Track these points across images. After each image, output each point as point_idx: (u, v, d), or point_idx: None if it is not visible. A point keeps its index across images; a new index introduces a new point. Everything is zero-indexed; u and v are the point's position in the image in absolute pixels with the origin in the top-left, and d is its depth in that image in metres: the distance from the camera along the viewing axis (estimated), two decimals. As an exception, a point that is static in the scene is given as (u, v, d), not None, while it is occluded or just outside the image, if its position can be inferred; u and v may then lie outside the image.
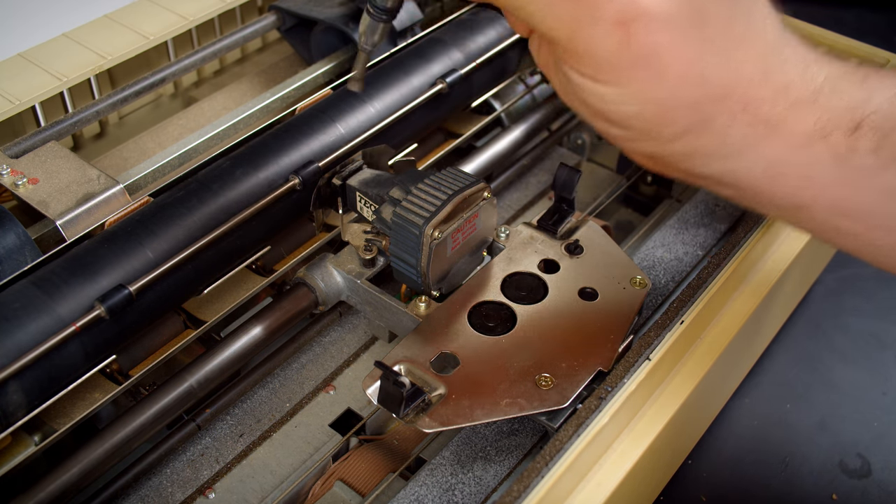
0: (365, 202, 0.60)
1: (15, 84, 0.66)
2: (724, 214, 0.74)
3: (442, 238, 0.54)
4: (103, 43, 0.70)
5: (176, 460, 0.59)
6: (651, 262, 0.70)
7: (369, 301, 0.59)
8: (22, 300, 0.50)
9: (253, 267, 0.62)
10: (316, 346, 0.67)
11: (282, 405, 0.63)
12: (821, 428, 0.73)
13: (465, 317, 0.56)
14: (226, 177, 0.59)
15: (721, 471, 0.69)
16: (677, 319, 0.55)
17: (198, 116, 0.76)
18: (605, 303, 0.57)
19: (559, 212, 0.62)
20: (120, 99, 0.68)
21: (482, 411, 0.50)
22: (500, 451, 0.57)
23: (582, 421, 0.49)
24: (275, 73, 0.81)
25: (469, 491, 0.54)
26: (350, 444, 0.61)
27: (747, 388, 0.75)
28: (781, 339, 0.78)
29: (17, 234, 0.54)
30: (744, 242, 0.60)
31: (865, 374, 0.77)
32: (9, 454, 0.50)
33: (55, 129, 0.64)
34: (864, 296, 0.84)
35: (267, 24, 0.78)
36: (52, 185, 0.58)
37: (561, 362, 0.53)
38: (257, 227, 0.59)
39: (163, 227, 0.55)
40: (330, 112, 0.64)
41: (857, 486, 0.68)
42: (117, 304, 0.51)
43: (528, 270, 0.59)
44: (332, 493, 0.58)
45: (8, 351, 0.48)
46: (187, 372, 0.56)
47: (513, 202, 0.80)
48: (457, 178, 0.56)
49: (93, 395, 0.53)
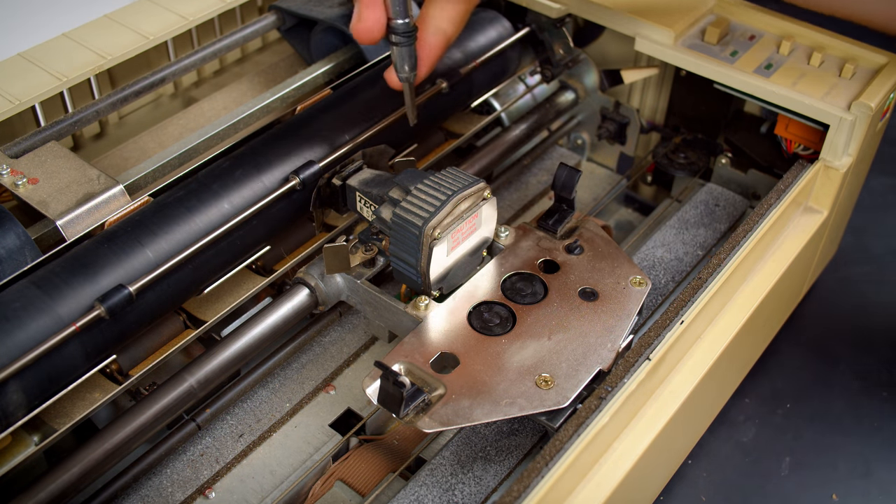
0: (365, 202, 0.60)
1: (15, 84, 0.66)
2: (723, 214, 0.74)
3: (442, 238, 0.54)
4: (103, 43, 0.70)
5: (176, 460, 0.59)
6: (651, 262, 0.70)
7: (369, 301, 0.59)
8: (22, 300, 0.50)
9: (253, 267, 0.62)
10: (316, 346, 0.67)
11: (282, 405, 0.63)
12: (821, 428, 0.73)
13: (465, 317, 0.56)
14: (226, 177, 0.59)
15: (721, 471, 0.69)
16: (677, 319, 0.55)
17: (198, 116, 0.76)
18: (605, 303, 0.57)
19: (559, 212, 0.62)
20: (120, 99, 0.68)
21: (482, 411, 0.50)
22: (500, 451, 0.57)
23: (582, 421, 0.49)
24: (275, 73, 0.81)
25: (469, 491, 0.54)
26: (350, 444, 0.61)
27: (747, 388, 0.75)
28: (781, 339, 0.78)
29: (17, 234, 0.54)
30: (744, 242, 0.60)
31: (865, 374, 0.77)
32: (9, 454, 0.50)
33: (55, 129, 0.64)
34: (864, 295, 0.84)
35: (267, 24, 0.78)
36: (52, 185, 0.58)
37: (561, 362, 0.53)
38: (257, 227, 0.59)
39: (163, 227, 0.55)
40: (330, 112, 0.64)
41: (857, 486, 0.68)
42: (117, 304, 0.51)
43: (528, 270, 0.59)
44: (332, 493, 0.58)
45: (8, 351, 0.48)
46: (187, 372, 0.56)
47: (513, 202, 0.80)
48: (457, 178, 0.56)
49: (93, 395, 0.53)
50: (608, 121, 0.83)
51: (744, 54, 0.70)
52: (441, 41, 0.60)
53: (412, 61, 0.58)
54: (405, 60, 0.58)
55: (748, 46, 0.71)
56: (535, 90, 0.83)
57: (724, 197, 0.76)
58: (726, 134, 0.80)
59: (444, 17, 0.60)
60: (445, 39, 0.61)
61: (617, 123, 0.82)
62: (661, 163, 0.81)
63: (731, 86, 0.69)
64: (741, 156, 0.78)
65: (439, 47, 0.60)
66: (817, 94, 0.67)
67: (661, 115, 0.84)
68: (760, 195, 0.76)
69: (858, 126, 0.65)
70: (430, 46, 0.60)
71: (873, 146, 0.73)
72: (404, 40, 0.57)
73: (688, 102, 0.81)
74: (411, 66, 0.58)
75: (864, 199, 0.84)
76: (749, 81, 0.68)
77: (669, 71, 0.80)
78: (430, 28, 0.60)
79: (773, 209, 0.62)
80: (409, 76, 0.59)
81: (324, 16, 0.75)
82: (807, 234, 0.67)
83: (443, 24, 0.60)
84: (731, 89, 0.70)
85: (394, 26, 0.56)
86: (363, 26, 0.56)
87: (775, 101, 0.68)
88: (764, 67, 0.69)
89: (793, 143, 0.72)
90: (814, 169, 0.67)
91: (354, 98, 0.67)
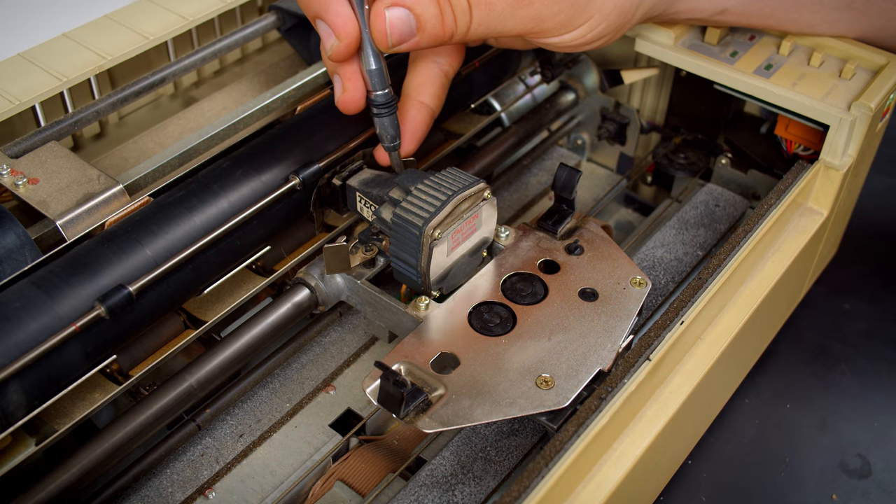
0: (365, 202, 0.60)
1: (15, 84, 0.66)
2: (723, 215, 0.74)
3: (442, 238, 0.54)
4: (103, 43, 0.70)
5: (176, 460, 0.59)
6: (651, 262, 0.70)
7: (369, 301, 0.59)
8: (22, 300, 0.50)
9: (253, 267, 0.62)
10: (316, 346, 0.67)
11: (282, 405, 0.63)
12: (821, 428, 0.73)
13: (466, 317, 0.56)
14: (226, 177, 0.59)
15: (721, 471, 0.69)
16: (677, 319, 0.55)
17: (198, 116, 0.76)
18: (605, 303, 0.57)
19: (559, 212, 0.62)
20: (120, 99, 0.68)
21: (482, 411, 0.50)
22: (500, 452, 0.57)
23: (582, 421, 0.49)
24: (275, 73, 0.81)
25: (469, 491, 0.54)
26: (350, 444, 0.61)
27: (747, 388, 0.75)
28: (781, 340, 0.78)
29: (17, 234, 0.54)
30: (744, 242, 0.60)
31: (865, 374, 0.77)
32: (9, 454, 0.50)
33: (55, 129, 0.64)
34: (864, 296, 0.84)
35: (267, 24, 0.78)
36: (52, 185, 0.58)
37: (561, 363, 0.53)
38: (257, 227, 0.59)
39: (163, 227, 0.55)
40: (330, 112, 0.64)
41: (857, 486, 0.68)
42: (117, 304, 0.51)
43: (528, 270, 0.59)
44: (332, 493, 0.58)
45: (8, 351, 0.48)
46: (187, 372, 0.56)
47: (513, 202, 0.80)
48: (457, 179, 0.56)
49: (93, 395, 0.53)
50: (608, 121, 0.83)
51: (744, 55, 0.70)
52: (426, 116, 0.62)
53: (395, 129, 0.59)
54: (387, 130, 0.59)
55: (748, 47, 0.71)
56: (535, 90, 0.83)
57: (724, 197, 0.76)
58: (726, 134, 0.80)
59: (425, 93, 0.62)
60: (430, 114, 0.62)
61: (617, 124, 0.82)
62: (661, 163, 0.81)
63: (732, 86, 0.69)
64: (741, 156, 0.78)
65: (425, 123, 0.62)
66: (817, 94, 0.67)
67: (661, 115, 0.84)
68: (760, 195, 0.76)
69: (858, 126, 0.65)
70: (416, 122, 0.61)
71: (873, 146, 0.73)
72: (385, 111, 0.58)
73: (688, 103, 0.81)
74: (396, 135, 0.59)
75: (864, 199, 0.84)
76: (749, 82, 0.68)
77: (669, 71, 0.80)
78: (414, 104, 0.61)
79: (773, 209, 0.62)
80: (394, 146, 0.59)
81: (324, 16, 0.75)
82: (807, 235, 0.67)
83: (425, 99, 0.62)
84: (731, 90, 0.70)
85: (373, 98, 0.57)
86: (349, 97, 0.57)
87: (775, 101, 0.68)
88: (764, 68, 0.69)
89: (793, 144, 0.72)
90: (814, 169, 0.67)
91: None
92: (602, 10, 0.59)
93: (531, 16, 0.57)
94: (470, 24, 0.55)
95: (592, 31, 0.60)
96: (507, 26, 0.57)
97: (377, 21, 0.53)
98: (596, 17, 0.59)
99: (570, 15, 0.58)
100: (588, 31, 0.60)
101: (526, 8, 0.56)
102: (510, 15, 0.56)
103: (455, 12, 0.54)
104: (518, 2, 0.56)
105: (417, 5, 0.53)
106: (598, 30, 0.60)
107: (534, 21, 0.57)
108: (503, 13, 0.56)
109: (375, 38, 0.54)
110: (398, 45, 0.54)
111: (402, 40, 0.54)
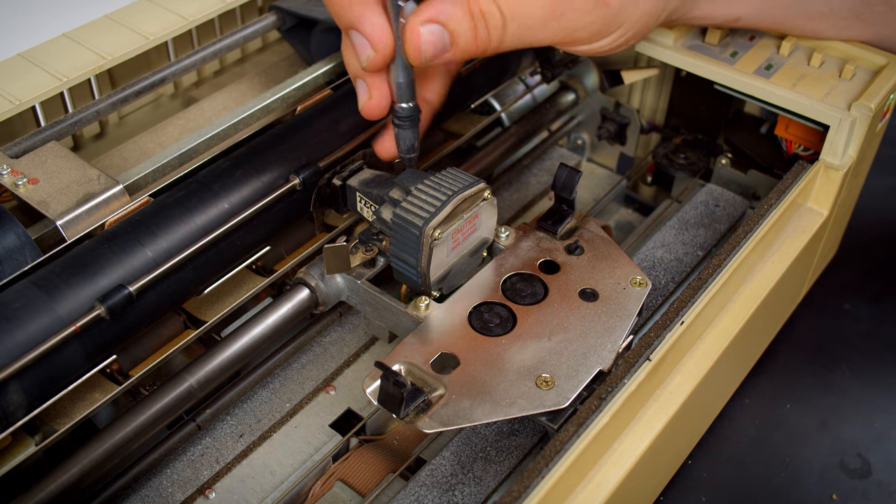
0: (365, 202, 0.60)
1: (15, 84, 0.66)
2: (724, 215, 0.75)
3: (442, 238, 0.54)
4: (103, 43, 0.70)
5: (176, 460, 0.59)
6: (651, 262, 0.70)
7: (369, 301, 0.59)
8: (22, 300, 0.50)
9: (253, 267, 0.62)
10: (316, 346, 0.67)
11: (282, 405, 0.63)
12: (821, 428, 0.73)
13: (466, 317, 0.56)
14: (226, 177, 0.59)
15: (721, 471, 0.69)
16: (677, 319, 0.55)
17: (198, 116, 0.76)
18: (605, 303, 0.57)
19: (559, 212, 0.62)
20: (120, 99, 0.68)
21: (482, 411, 0.50)
22: (500, 452, 0.57)
23: (582, 421, 0.49)
24: (275, 73, 0.81)
25: (469, 491, 0.54)
26: (350, 444, 0.61)
27: (747, 388, 0.75)
28: (781, 340, 0.78)
29: (17, 234, 0.54)
30: (744, 242, 0.60)
31: (865, 375, 0.77)
32: (9, 454, 0.50)
33: (55, 129, 0.64)
34: (865, 296, 0.84)
35: (267, 24, 0.78)
36: (52, 185, 0.58)
37: (561, 363, 0.53)
38: (257, 227, 0.59)
39: (163, 227, 0.55)
40: (330, 112, 0.64)
41: (857, 486, 0.68)
42: (117, 304, 0.51)
43: (528, 271, 0.59)
44: (332, 493, 0.58)
45: (8, 351, 0.48)
46: (187, 372, 0.56)
47: (513, 202, 0.80)
48: (457, 179, 0.56)
49: (93, 395, 0.53)
50: (608, 121, 0.83)
51: (744, 55, 0.70)
52: (427, 112, 0.62)
53: (413, 142, 0.59)
54: (406, 141, 0.59)
55: (748, 47, 0.71)
56: (535, 90, 0.83)
57: (724, 197, 0.76)
58: (726, 134, 0.80)
59: (428, 88, 0.62)
60: (431, 110, 0.63)
61: (617, 124, 0.82)
62: (661, 163, 0.81)
63: (732, 86, 0.69)
64: (741, 156, 0.78)
65: (426, 120, 0.62)
66: (817, 94, 0.67)
67: (661, 115, 0.84)
68: (760, 196, 0.76)
69: (858, 127, 0.65)
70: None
71: (873, 147, 0.73)
72: (407, 123, 0.58)
73: (688, 103, 0.81)
74: (413, 146, 0.59)
75: (864, 200, 0.84)
76: (749, 82, 0.68)
77: (670, 71, 0.80)
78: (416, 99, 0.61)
79: (773, 210, 0.62)
80: (410, 157, 0.60)
81: (324, 16, 0.75)
82: (807, 235, 0.67)
83: (428, 95, 0.62)
84: (732, 90, 0.70)
85: (397, 109, 0.57)
86: (374, 104, 0.57)
87: (775, 101, 0.68)
88: (764, 68, 0.69)
89: (793, 144, 0.72)
90: (814, 169, 0.67)
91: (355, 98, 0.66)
92: (631, 17, 0.59)
93: (563, 27, 0.57)
94: (503, 37, 0.55)
95: (623, 37, 0.60)
96: (539, 37, 0.57)
97: (412, 37, 0.53)
98: (626, 24, 0.59)
99: (602, 25, 0.58)
100: (619, 38, 0.60)
101: (558, 20, 0.56)
102: (542, 27, 0.56)
103: (489, 27, 0.54)
104: (551, 14, 0.55)
105: (451, 21, 0.53)
106: (627, 36, 0.61)
107: (565, 32, 0.57)
108: (535, 26, 0.56)
109: (409, 54, 0.54)
110: (431, 60, 0.54)
111: (435, 56, 0.54)
